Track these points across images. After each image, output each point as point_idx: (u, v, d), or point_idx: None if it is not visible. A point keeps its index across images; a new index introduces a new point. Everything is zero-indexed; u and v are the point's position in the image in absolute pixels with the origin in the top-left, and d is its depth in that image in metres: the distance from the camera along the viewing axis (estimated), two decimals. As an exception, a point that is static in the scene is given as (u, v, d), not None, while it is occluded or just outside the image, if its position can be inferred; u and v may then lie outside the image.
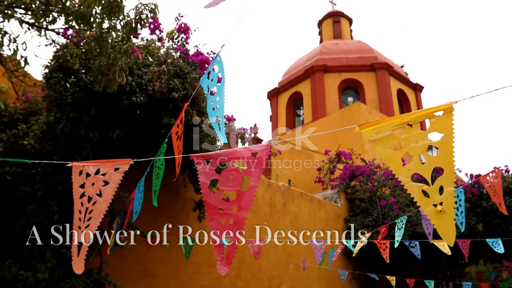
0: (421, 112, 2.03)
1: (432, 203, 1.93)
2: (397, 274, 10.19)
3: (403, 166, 2.03)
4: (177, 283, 6.86)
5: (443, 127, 1.94)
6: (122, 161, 2.55)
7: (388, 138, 2.05)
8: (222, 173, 2.35)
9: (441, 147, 1.95)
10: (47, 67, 4.94)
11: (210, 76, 2.68)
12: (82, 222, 2.49)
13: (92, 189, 2.52)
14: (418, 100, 19.98)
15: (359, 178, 11.97)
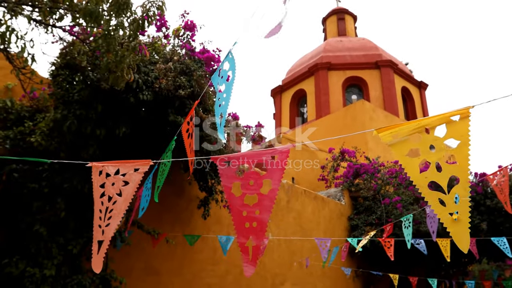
0: (438, 116, 2.04)
1: (448, 211, 1.97)
2: (400, 272, 10.19)
3: (420, 173, 2.05)
4: (181, 280, 6.88)
5: (459, 134, 1.96)
6: (142, 161, 2.59)
7: (405, 142, 2.07)
8: (244, 176, 2.38)
9: (457, 155, 1.98)
10: (53, 65, 4.95)
11: (221, 73, 2.68)
12: (102, 221, 2.54)
13: (112, 189, 2.56)
14: (423, 98, 19.92)
15: (363, 176, 11.97)
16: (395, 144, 2.07)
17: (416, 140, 2.08)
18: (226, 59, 2.61)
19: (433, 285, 9.31)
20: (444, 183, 2.03)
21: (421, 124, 2.07)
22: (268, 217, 2.31)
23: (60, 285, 4.87)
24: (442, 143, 2.05)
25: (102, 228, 2.53)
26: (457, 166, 2.00)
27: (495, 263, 13.86)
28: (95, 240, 2.58)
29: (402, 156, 2.07)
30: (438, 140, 2.06)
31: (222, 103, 2.67)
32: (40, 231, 4.79)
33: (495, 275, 12.79)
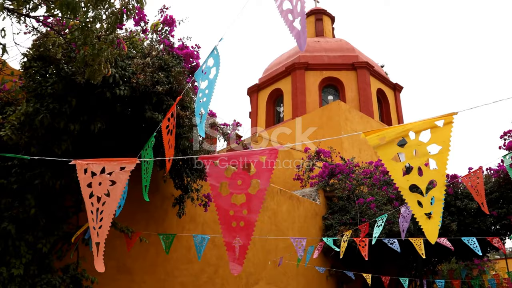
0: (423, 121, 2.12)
1: (424, 212, 2.16)
2: (373, 271, 10.33)
3: (403, 177, 2.21)
4: (154, 279, 6.77)
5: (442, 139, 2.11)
6: (127, 160, 2.52)
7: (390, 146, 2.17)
8: (232, 176, 2.35)
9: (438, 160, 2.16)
10: (26, 56, 4.76)
11: (204, 69, 2.63)
12: (95, 223, 2.50)
13: (100, 189, 2.52)
14: (397, 100, 20.26)
15: (338, 176, 12.07)
16: (381, 147, 2.15)
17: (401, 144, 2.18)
18: (211, 55, 2.56)
19: (405, 284, 9.48)
20: (423, 186, 2.18)
21: (407, 128, 2.18)
22: (257, 217, 2.30)
23: (28, 284, 4.70)
24: (425, 149, 2.20)
25: (96, 230, 2.49)
26: (436, 171, 2.16)
27: (463, 262, 14.25)
28: (94, 242, 2.60)
29: (388, 160, 2.17)
30: (422, 145, 2.19)
31: (203, 99, 2.62)
32: (8, 228, 4.61)
33: (463, 274, 13.15)
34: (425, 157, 2.19)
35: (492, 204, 11.00)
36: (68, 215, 5.32)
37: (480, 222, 10.97)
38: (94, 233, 2.51)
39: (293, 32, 1.91)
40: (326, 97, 18.78)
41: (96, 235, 2.52)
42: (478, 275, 13.79)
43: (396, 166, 2.19)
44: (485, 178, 11.50)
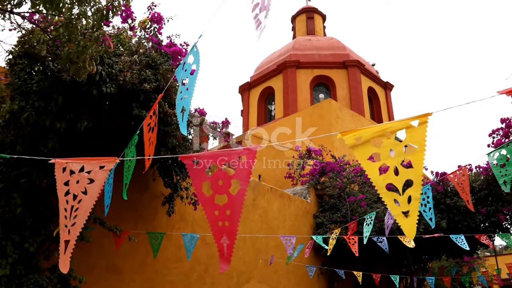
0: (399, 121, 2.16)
1: (401, 210, 2.18)
2: (364, 268, 10.38)
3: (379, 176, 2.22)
4: (144, 278, 6.73)
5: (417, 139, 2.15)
6: (107, 159, 2.50)
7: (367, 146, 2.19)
8: (213, 176, 2.35)
9: (413, 160, 2.18)
10: (11, 53, 4.70)
11: (185, 67, 2.61)
12: (68, 220, 2.47)
13: (77, 187, 2.49)
14: (388, 99, 20.34)
15: (328, 175, 12.09)
16: (357, 147, 2.18)
17: (378, 144, 2.19)
18: (191, 52, 2.54)
19: (395, 281, 9.53)
20: (400, 186, 2.21)
21: (383, 128, 2.19)
22: (239, 217, 2.31)
23: (15, 284, 4.64)
24: (401, 148, 2.23)
25: (68, 228, 2.45)
26: (413, 170, 2.17)
27: (453, 260, 14.36)
28: (62, 240, 2.53)
29: (364, 159, 2.19)
30: (398, 145, 2.24)
31: (184, 96, 2.61)
32: (-7, 228, 4.55)
33: (453, 271, 13.24)
34: (401, 157, 2.21)
35: (481, 201, 11.10)
36: (55, 214, 5.25)
37: (470, 219, 11.07)
38: (65, 231, 2.46)
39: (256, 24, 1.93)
40: (318, 95, 18.80)
41: (67, 233, 2.47)
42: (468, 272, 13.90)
43: (372, 166, 2.22)
44: (474, 176, 11.59)
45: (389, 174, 2.20)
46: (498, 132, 10.17)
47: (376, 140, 2.24)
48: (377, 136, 2.22)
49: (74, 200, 2.48)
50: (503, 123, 9.72)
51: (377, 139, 2.24)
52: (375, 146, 2.23)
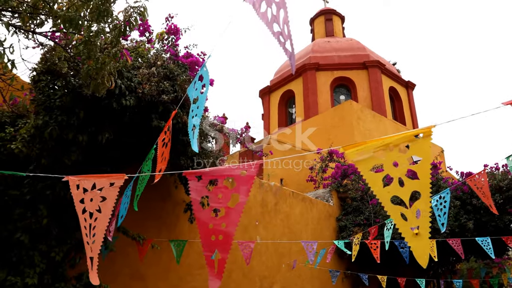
0: (402, 134, 2.11)
1: (409, 226, 2.03)
2: (389, 272, 10.25)
3: (383, 188, 2.13)
4: (167, 284, 6.85)
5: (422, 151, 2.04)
6: (116, 176, 2.60)
7: (370, 159, 2.13)
8: (213, 190, 2.40)
9: (419, 171, 2.06)
10: (35, 70, 4.88)
11: (195, 86, 2.68)
12: (89, 238, 2.60)
13: (91, 205, 2.63)
14: (410, 98, 20.06)
15: (350, 177, 12.01)
16: (360, 160, 2.13)
17: (381, 157, 2.13)
18: (200, 72, 2.61)
19: (422, 285, 9.38)
20: (406, 198, 2.09)
21: (386, 142, 2.13)
22: (234, 230, 2.33)
23: (42, 293, 4.80)
24: (405, 160, 2.14)
25: (90, 245, 2.60)
26: (419, 181, 2.06)
27: (483, 261, 14.00)
28: (88, 256, 2.71)
29: (367, 171, 2.13)
30: (402, 157, 2.15)
31: (195, 115, 2.67)
32: (21, 239, 4.72)
33: (482, 273, 12.93)
34: (405, 168, 2.12)
35: (509, 201, 10.80)
36: (79, 224, 5.41)
37: (498, 220, 10.78)
38: (88, 248, 2.60)
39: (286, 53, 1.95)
40: (338, 97, 18.70)
41: (90, 250, 2.62)
42: (498, 274, 13.54)
43: (375, 177, 2.15)
44: (501, 175, 11.29)
45: (393, 185, 2.12)
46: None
47: (379, 153, 2.18)
48: (380, 150, 2.17)
49: (91, 218, 2.60)
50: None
51: (380, 152, 2.18)
52: (378, 158, 2.17)
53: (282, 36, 1.93)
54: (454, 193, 11.24)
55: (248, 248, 6.59)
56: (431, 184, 6.30)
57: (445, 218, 4.75)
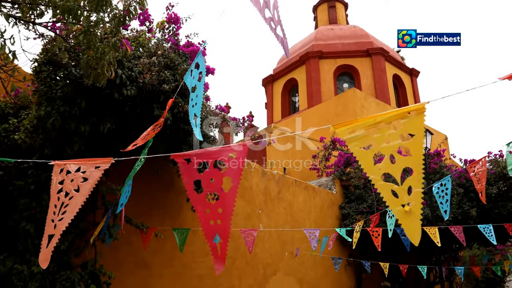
0: (395, 112, 2.05)
1: (400, 203, 1.97)
2: (392, 259, 10.30)
3: (374, 165, 2.06)
4: (172, 272, 6.93)
5: (414, 128, 1.98)
6: (103, 160, 2.59)
7: (361, 137, 2.08)
8: (204, 174, 2.38)
9: (412, 148, 1.99)
10: (36, 61, 4.90)
11: (193, 73, 2.69)
12: (56, 215, 2.55)
13: (71, 185, 2.59)
14: (414, 85, 19.95)
15: (353, 165, 12.02)
16: (351, 138, 2.08)
17: (372, 134, 2.08)
18: (196, 60, 2.61)
19: (423, 272, 9.43)
20: (397, 175, 2.03)
21: (377, 120, 2.08)
22: (231, 215, 2.34)
23: (48, 281, 4.88)
24: (397, 136, 2.06)
25: (54, 223, 2.53)
26: (411, 158, 1.99)
27: (485, 248, 14.03)
28: (46, 234, 2.59)
29: (357, 149, 2.07)
30: (393, 134, 2.07)
31: (195, 104, 2.68)
32: (27, 228, 4.79)
33: (485, 260, 12.95)
34: (396, 145, 2.05)
35: (512, 188, 10.80)
36: (84, 213, 5.48)
37: (501, 207, 10.79)
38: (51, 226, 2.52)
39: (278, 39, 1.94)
40: (341, 85, 18.62)
41: (52, 227, 2.52)
42: (500, 261, 13.57)
43: (366, 155, 2.07)
44: (505, 163, 11.27)
45: (385, 163, 2.03)
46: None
47: (371, 131, 2.12)
48: (371, 128, 2.09)
49: (66, 197, 2.57)
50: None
51: (372, 130, 2.11)
52: (370, 136, 2.10)
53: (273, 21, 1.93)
54: (457, 181, 11.23)
55: (250, 236, 6.65)
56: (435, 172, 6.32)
57: (448, 205, 4.76)
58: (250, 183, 8.78)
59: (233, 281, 7.86)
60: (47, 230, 2.61)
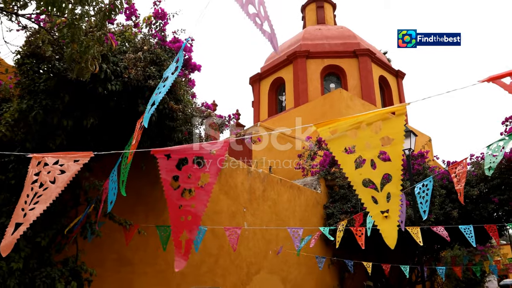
0: (376, 112, 2.05)
1: (379, 209, 2.00)
2: (375, 258, 10.39)
3: (355, 170, 2.06)
4: (155, 270, 6.87)
5: (394, 130, 1.98)
6: (83, 153, 2.54)
7: (343, 138, 2.08)
8: (182, 169, 2.36)
9: (391, 153, 2.00)
10: (18, 53, 4.80)
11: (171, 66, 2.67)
12: (27, 205, 2.48)
13: (47, 177, 2.51)
14: (400, 87, 20.13)
15: (339, 165, 12.07)
16: (332, 139, 2.08)
17: (353, 136, 2.09)
18: (179, 55, 2.59)
19: (405, 272, 9.53)
20: (377, 181, 2.05)
21: (359, 120, 2.08)
22: (204, 210, 2.31)
23: (28, 278, 4.80)
24: (377, 140, 2.06)
25: (25, 211, 2.46)
26: (391, 163, 2.01)
27: (466, 248, 14.27)
28: (13, 221, 2.50)
29: (339, 152, 2.08)
30: (374, 137, 2.06)
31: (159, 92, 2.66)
32: (6, 223, 4.69)
33: (465, 260, 13.17)
34: (377, 149, 2.06)
35: (493, 190, 10.97)
36: (66, 209, 5.40)
37: (482, 208, 10.96)
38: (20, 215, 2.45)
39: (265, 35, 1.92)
40: (328, 85, 18.70)
41: (21, 216, 2.44)
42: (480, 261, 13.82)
43: (347, 159, 2.08)
44: (486, 165, 11.43)
45: (365, 168, 2.05)
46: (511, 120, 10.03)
47: (352, 132, 2.12)
48: (353, 128, 2.09)
49: (40, 187, 2.51)
50: (516, 111, 9.57)
51: (353, 131, 2.11)
52: (351, 138, 2.11)
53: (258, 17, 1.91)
54: (440, 182, 11.36)
55: (235, 234, 6.63)
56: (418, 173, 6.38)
57: (427, 205, 4.82)
58: (235, 181, 8.76)
59: (216, 279, 7.83)
60: (14, 218, 2.51)
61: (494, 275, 16.83)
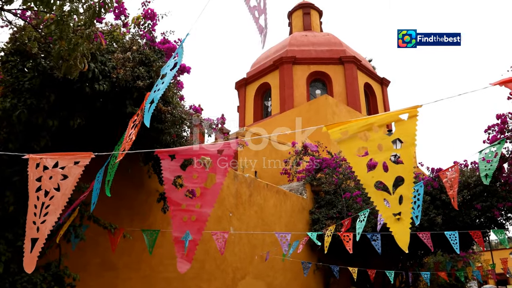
0: (387, 114, 2.03)
1: (392, 212, 1.99)
2: (360, 264, 10.39)
3: (367, 173, 2.06)
4: (139, 275, 6.73)
5: (407, 133, 1.98)
6: (83, 154, 2.44)
7: (353, 140, 2.06)
8: (187, 170, 2.30)
9: (403, 155, 2.01)
10: (2, 50, 4.66)
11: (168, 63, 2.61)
12: (37, 217, 2.37)
13: (50, 183, 2.39)
14: (384, 95, 20.34)
15: (324, 171, 12.10)
16: (343, 141, 2.06)
17: (365, 138, 2.07)
18: (177, 51, 2.53)
19: (390, 277, 9.56)
20: (389, 183, 2.05)
21: (370, 122, 2.06)
22: (210, 211, 2.24)
23: (8, 283, 4.63)
24: (389, 143, 2.06)
25: (37, 225, 2.36)
26: (403, 166, 2.01)
27: (449, 255, 14.41)
28: (28, 237, 2.41)
29: (351, 154, 2.06)
30: (386, 139, 2.06)
31: (157, 89, 2.59)
32: (-14, 226, 4.54)
33: (448, 266, 13.30)
34: (390, 151, 2.05)
35: (476, 197, 11.11)
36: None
37: (465, 215, 11.08)
38: (33, 228, 2.35)
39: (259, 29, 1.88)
40: (314, 91, 18.78)
41: (35, 230, 2.35)
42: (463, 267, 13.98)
43: (359, 161, 2.07)
44: (470, 172, 11.58)
45: (377, 170, 2.05)
46: (494, 128, 10.18)
47: (363, 134, 2.11)
48: (365, 130, 2.08)
49: (46, 196, 2.40)
50: (499, 119, 9.73)
51: (365, 133, 2.10)
52: (362, 140, 2.09)
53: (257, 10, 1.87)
54: (424, 189, 11.47)
55: (222, 238, 6.54)
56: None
57: (419, 210, 4.83)
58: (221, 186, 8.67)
59: (201, 284, 7.72)
60: (28, 233, 2.41)
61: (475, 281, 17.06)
